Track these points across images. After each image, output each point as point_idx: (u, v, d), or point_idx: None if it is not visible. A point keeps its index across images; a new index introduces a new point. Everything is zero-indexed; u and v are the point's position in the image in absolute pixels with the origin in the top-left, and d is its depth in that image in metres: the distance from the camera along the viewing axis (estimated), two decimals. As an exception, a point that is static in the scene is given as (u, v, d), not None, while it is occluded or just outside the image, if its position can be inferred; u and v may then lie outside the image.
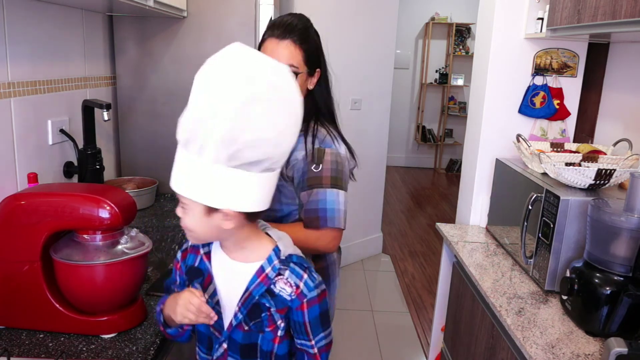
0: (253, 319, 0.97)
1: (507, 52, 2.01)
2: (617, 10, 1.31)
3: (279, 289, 0.96)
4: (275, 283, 0.96)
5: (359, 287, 3.48)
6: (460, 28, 6.84)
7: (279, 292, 0.96)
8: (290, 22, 1.30)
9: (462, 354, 1.81)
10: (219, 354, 1.00)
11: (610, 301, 1.24)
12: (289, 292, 0.95)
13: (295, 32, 1.28)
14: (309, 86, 1.35)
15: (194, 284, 1.01)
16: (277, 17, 1.35)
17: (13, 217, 1.08)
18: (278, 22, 1.31)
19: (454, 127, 7.13)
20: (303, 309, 0.97)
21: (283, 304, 0.96)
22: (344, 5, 3.37)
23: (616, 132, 1.87)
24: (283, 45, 1.27)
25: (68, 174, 1.74)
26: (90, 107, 1.70)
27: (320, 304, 0.99)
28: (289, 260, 0.97)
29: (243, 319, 0.97)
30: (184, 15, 2.00)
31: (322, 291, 0.99)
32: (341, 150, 1.34)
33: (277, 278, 0.96)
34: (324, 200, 1.27)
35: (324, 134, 1.33)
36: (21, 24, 1.46)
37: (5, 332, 1.12)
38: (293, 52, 1.28)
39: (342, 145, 1.35)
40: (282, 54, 1.27)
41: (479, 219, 2.13)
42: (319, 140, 1.31)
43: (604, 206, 1.31)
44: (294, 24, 1.29)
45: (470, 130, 2.23)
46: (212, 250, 1.01)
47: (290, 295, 0.96)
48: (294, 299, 0.96)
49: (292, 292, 0.96)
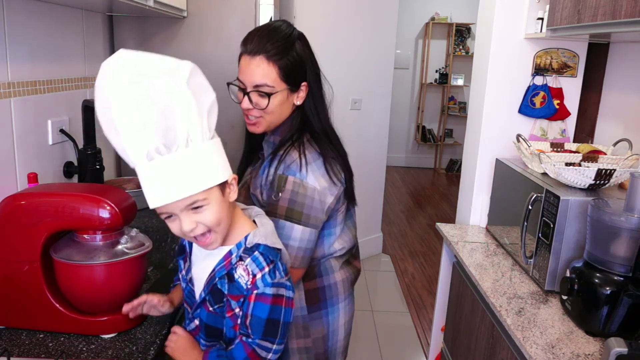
0: (217, 302, 0.98)
1: (507, 52, 2.01)
2: (617, 10, 1.31)
3: (238, 274, 0.93)
4: (236, 268, 0.94)
5: (359, 287, 3.48)
6: (460, 28, 6.84)
7: (237, 278, 0.93)
8: (267, 33, 1.16)
9: (462, 354, 1.81)
10: (191, 328, 1.05)
11: (610, 301, 1.24)
12: (245, 280, 0.93)
13: (270, 46, 1.14)
14: (296, 102, 1.22)
15: (178, 261, 1.08)
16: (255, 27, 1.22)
17: (13, 217, 1.08)
18: (252, 34, 1.17)
19: (454, 127, 7.13)
20: (250, 299, 0.92)
21: (239, 292, 0.93)
22: (344, 5, 3.37)
23: (616, 132, 1.87)
24: (255, 63, 1.14)
25: (68, 174, 1.74)
26: (90, 107, 1.70)
27: (272, 306, 0.92)
28: (255, 248, 0.95)
29: (208, 299, 0.99)
30: (184, 15, 2.00)
31: (279, 295, 0.93)
32: (308, 180, 1.15)
33: (237, 264, 0.94)
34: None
35: (292, 158, 1.17)
36: (21, 24, 1.46)
37: (5, 332, 1.12)
38: (266, 70, 1.14)
39: (313, 175, 1.16)
40: (254, 72, 1.15)
41: (479, 219, 2.13)
42: (284, 166, 1.16)
43: (604, 206, 1.31)
44: (270, 34, 1.15)
45: (470, 130, 2.23)
46: None
47: (247, 284, 0.93)
48: (249, 288, 0.93)
49: (248, 280, 0.92)
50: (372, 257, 3.98)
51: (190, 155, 0.84)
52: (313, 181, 1.16)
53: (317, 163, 1.19)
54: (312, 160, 1.18)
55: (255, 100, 1.18)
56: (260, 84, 1.16)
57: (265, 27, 1.20)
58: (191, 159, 0.84)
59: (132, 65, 0.81)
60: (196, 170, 0.85)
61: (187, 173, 0.84)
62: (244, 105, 1.20)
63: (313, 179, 1.16)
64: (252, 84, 1.16)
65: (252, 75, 1.16)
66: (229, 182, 0.91)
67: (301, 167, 1.15)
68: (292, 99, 1.22)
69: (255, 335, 0.94)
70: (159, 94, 0.81)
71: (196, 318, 1.03)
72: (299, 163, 1.16)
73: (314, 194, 1.16)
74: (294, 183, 1.14)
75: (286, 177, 1.15)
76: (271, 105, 1.18)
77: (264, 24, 1.23)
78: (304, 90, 1.23)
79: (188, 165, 0.84)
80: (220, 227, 0.91)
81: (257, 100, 1.18)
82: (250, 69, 1.15)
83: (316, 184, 1.16)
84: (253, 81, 1.16)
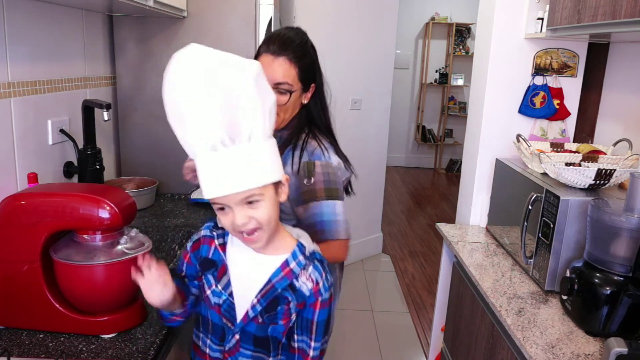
0: (268, 311, 0.98)
1: (507, 52, 2.01)
2: (617, 10, 1.31)
3: (300, 283, 0.97)
4: (298, 277, 0.97)
5: (359, 287, 3.48)
6: (460, 28, 6.84)
7: (299, 286, 0.97)
8: (287, 38, 1.28)
9: (462, 354, 1.81)
10: (232, 344, 1.01)
11: (610, 301, 1.24)
12: (309, 287, 0.97)
13: (292, 49, 1.27)
14: (304, 101, 1.35)
15: (206, 275, 1.02)
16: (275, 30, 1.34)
17: (13, 217, 1.08)
18: (275, 36, 1.29)
19: (454, 127, 7.13)
20: (316, 307, 0.98)
21: (302, 299, 0.98)
22: (344, 5, 3.37)
23: (616, 132, 1.87)
24: (278, 63, 1.26)
25: (68, 174, 1.74)
26: (90, 107, 1.70)
27: (329, 308, 1.00)
28: (313, 257, 1.00)
29: (260, 311, 0.98)
30: (184, 15, 2.00)
31: (331, 295, 1.01)
32: (332, 161, 1.31)
33: (301, 272, 0.98)
34: (320, 213, 1.25)
35: (313, 146, 1.31)
36: (21, 24, 1.46)
37: (5, 332, 1.12)
38: (288, 70, 1.26)
39: (334, 157, 1.33)
40: (276, 71, 1.25)
41: (479, 219, 2.13)
42: (308, 153, 1.29)
43: (604, 206, 1.31)
44: (290, 39, 1.28)
45: (470, 130, 2.23)
46: (227, 242, 1.02)
47: (310, 291, 0.97)
48: (311, 295, 0.97)
49: (312, 287, 0.97)
50: (372, 257, 3.98)
51: (252, 150, 0.87)
52: (335, 161, 1.32)
53: (332, 150, 1.34)
54: (329, 146, 1.33)
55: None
56: (281, 82, 1.26)
57: (285, 32, 1.31)
58: (252, 154, 0.87)
59: (205, 58, 0.86)
60: (256, 165, 0.88)
61: (247, 167, 0.87)
62: None
63: (335, 160, 1.32)
64: (273, 81, 1.24)
65: (274, 73, 1.25)
66: (282, 182, 0.94)
67: (323, 151, 1.30)
68: (302, 98, 1.34)
69: (318, 337, 1.00)
70: (229, 88, 0.85)
71: (237, 332, 1.00)
72: (320, 149, 1.30)
73: (337, 172, 1.31)
74: (322, 165, 1.28)
75: (314, 162, 1.28)
76: (289, 102, 1.29)
77: (284, 28, 1.35)
78: (311, 91, 1.35)
79: (249, 160, 0.87)
80: (269, 225, 0.93)
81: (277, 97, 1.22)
82: (273, 68, 1.25)
83: (337, 164, 1.32)
84: (275, 79, 1.25)
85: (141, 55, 2.06)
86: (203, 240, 1.03)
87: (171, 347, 1.20)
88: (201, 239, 1.04)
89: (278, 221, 0.97)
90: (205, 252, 1.03)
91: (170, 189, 2.14)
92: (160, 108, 0.90)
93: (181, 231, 1.76)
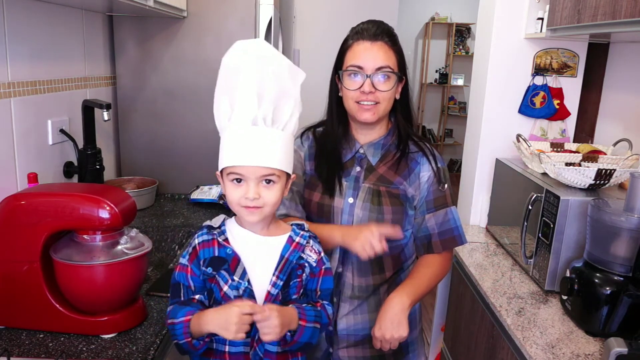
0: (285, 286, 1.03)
1: (507, 52, 2.01)
2: (617, 10, 1.31)
3: (306, 255, 1.05)
4: (304, 250, 1.05)
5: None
6: (460, 28, 6.83)
7: (306, 258, 1.05)
8: (380, 26, 1.22)
9: (462, 354, 1.81)
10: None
11: (610, 301, 1.24)
12: (314, 259, 1.06)
13: (387, 34, 1.21)
14: (396, 95, 1.25)
15: (219, 273, 1.00)
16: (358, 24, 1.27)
17: (13, 217, 1.08)
18: (365, 26, 1.23)
19: (454, 127, 7.13)
20: (320, 274, 1.06)
21: (310, 269, 1.05)
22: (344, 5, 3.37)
23: (616, 132, 1.87)
24: (377, 47, 1.19)
25: (68, 174, 1.74)
26: (90, 107, 1.70)
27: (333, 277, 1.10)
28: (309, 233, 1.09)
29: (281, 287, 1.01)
30: (184, 15, 2.00)
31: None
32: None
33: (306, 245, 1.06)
34: (454, 219, 1.27)
35: (435, 152, 1.28)
36: (21, 24, 1.46)
37: (5, 332, 1.12)
38: (388, 53, 1.19)
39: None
40: (377, 54, 1.18)
41: (479, 219, 2.13)
42: (439, 160, 1.27)
43: (604, 206, 1.31)
44: (384, 27, 1.22)
45: (470, 130, 2.23)
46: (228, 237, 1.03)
47: (315, 262, 1.05)
48: (317, 264, 1.06)
49: (316, 258, 1.06)
50: (372, 257, 3.96)
51: (283, 137, 0.99)
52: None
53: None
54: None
55: (376, 82, 1.19)
56: (383, 66, 1.19)
57: (372, 22, 1.24)
58: (282, 140, 0.99)
59: (265, 50, 0.98)
60: (283, 150, 0.99)
61: (277, 149, 0.97)
62: (365, 87, 1.18)
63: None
64: (375, 66, 1.18)
65: (375, 57, 1.18)
66: (291, 178, 1.04)
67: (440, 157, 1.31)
68: (396, 90, 1.24)
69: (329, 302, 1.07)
70: (279, 80, 0.97)
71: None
72: (438, 154, 1.30)
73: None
74: (446, 171, 1.30)
75: (444, 168, 1.29)
76: (392, 88, 1.21)
77: (366, 21, 1.25)
78: (402, 85, 1.26)
79: (279, 144, 0.98)
80: (271, 208, 1.00)
81: (379, 82, 1.19)
82: (373, 52, 1.19)
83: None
84: (377, 63, 1.19)
85: (141, 55, 2.06)
86: (200, 246, 1.02)
87: (171, 347, 1.20)
88: (197, 246, 1.02)
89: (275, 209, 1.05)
90: (209, 253, 1.01)
91: (170, 189, 2.14)
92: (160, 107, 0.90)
93: (181, 231, 1.76)
